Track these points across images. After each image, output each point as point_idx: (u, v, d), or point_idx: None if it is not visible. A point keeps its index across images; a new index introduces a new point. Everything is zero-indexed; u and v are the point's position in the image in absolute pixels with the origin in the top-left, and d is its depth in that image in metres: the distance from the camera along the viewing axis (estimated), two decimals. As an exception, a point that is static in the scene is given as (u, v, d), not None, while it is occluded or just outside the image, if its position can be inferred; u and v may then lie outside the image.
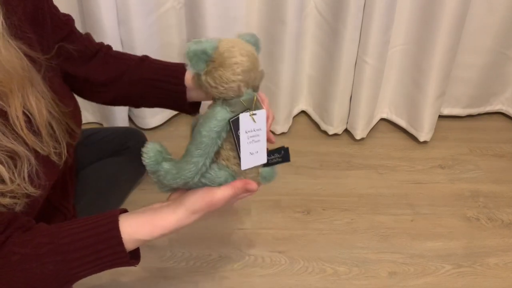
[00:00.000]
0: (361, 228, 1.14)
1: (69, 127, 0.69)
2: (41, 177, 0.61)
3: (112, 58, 0.84)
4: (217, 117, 0.59)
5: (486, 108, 1.55)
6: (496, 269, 1.05)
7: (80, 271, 0.58)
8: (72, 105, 0.73)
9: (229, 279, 1.01)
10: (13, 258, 0.56)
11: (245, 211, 1.18)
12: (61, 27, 0.76)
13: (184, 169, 0.59)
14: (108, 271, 0.65)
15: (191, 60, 0.57)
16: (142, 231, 0.59)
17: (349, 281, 1.02)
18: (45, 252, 0.57)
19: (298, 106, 1.51)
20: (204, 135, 0.58)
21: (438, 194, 1.25)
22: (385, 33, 1.25)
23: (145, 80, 0.82)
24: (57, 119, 0.65)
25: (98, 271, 0.60)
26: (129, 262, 0.60)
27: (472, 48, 1.38)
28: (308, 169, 1.33)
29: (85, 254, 0.57)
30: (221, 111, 0.59)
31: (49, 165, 0.64)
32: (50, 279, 0.57)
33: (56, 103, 0.66)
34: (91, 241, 0.58)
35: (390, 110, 1.49)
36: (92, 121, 1.47)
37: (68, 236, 0.58)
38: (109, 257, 0.59)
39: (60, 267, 0.57)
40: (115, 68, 0.83)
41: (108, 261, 0.59)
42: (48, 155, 0.63)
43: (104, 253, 0.58)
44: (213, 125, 0.58)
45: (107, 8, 1.17)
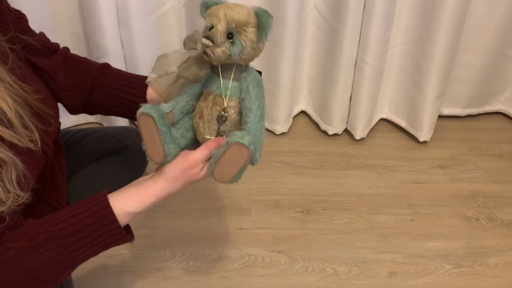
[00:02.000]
0: (361, 228, 1.15)
1: (40, 111, 0.68)
2: (27, 176, 0.61)
3: (73, 60, 0.83)
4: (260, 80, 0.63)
5: (485, 108, 1.55)
6: (496, 269, 1.05)
7: (78, 254, 0.60)
8: (44, 93, 0.71)
9: (229, 279, 1.02)
10: (10, 253, 0.57)
11: (245, 211, 1.18)
12: (18, 22, 0.74)
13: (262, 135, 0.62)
14: (108, 271, 0.65)
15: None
16: (131, 203, 0.62)
17: (349, 281, 1.02)
18: (41, 241, 0.58)
19: (298, 106, 1.52)
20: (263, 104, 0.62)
21: (437, 194, 1.25)
22: (385, 33, 1.25)
23: (105, 87, 0.82)
24: (20, 103, 0.64)
25: (96, 252, 0.62)
26: (125, 238, 0.63)
27: (472, 48, 1.38)
28: (308, 169, 1.33)
29: (82, 236, 0.59)
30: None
31: (29, 156, 0.63)
32: (50, 267, 0.58)
33: (18, 85, 0.64)
34: (86, 223, 0.59)
35: (390, 110, 1.49)
36: (92, 121, 1.47)
37: (61, 222, 0.60)
38: (105, 235, 0.61)
39: (58, 253, 0.58)
40: (76, 73, 0.82)
41: (105, 239, 0.61)
42: (27, 146, 0.63)
43: (100, 232, 0.60)
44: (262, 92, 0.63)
45: (107, 8, 1.17)
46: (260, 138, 0.62)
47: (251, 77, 0.62)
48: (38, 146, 0.65)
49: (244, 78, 0.62)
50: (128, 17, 1.21)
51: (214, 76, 0.63)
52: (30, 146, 0.63)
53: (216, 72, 0.63)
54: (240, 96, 0.62)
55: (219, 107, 0.63)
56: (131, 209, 0.62)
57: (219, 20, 0.58)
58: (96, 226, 0.60)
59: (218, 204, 1.20)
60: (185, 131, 0.66)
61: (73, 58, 0.84)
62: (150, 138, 0.62)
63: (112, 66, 0.85)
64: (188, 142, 0.67)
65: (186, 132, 0.66)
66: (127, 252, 1.06)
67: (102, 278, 0.99)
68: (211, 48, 0.58)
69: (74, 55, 0.85)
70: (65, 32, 1.29)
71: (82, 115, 1.45)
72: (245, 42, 0.59)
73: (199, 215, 1.17)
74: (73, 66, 0.82)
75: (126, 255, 1.05)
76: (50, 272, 0.58)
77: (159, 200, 0.64)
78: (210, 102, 0.63)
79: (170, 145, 0.63)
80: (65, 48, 0.84)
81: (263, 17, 0.58)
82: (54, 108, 0.75)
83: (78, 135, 1.07)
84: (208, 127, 0.64)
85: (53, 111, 0.73)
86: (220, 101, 0.63)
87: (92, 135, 1.09)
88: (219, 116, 0.63)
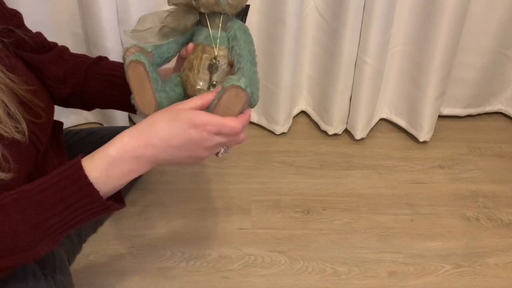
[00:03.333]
0: (360, 228, 1.15)
1: (28, 102, 0.67)
2: (9, 161, 0.59)
3: (69, 55, 0.83)
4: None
5: (485, 108, 1.55)
6: (496, 269, 1.05)
7: (51, 216, 0.53)
8: (35, 86, 0.71)
9: (229, 279, 1.02)
10: None
11: (245, 211, 1.18)
12: (10, 18, 0.74)
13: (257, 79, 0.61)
14: (108, 271, 0.64)
15: None
16: (100, 152, 0.56)
17: (349, 281, 1.02)
18: (8, 202, 0.53)
19: (298, 106, 1.52)
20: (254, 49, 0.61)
21: (437, 194, 1.26)
22: (384, 33, 1.25)
23: (100, 75, 0.80)
24: (7, 93, 0.62)
25: (76, 220, 0.55)
26: (106, 204, 0.55)
27: (472, 48, 1.38)
28: (308, 169, 1.33)
29: (50, 195, 0.53)
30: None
31: (15, 147, 0.62)
32: (21, 232, 0.53)
33: (5, 74, 0.63)
34: (54, 181, 0.54)
35: (390, 110, 1.49)
36: (92, 121, 1.47)
37: (30, 185, 0.54)
38: (81, 201, 0.54)
39: (27, 214, 0.53)
40: (71, 64, 0.81)
41: (78, 199, 0.54)
42: (12, 136, 0.61)
43: (70, 190, 0.53)
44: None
45: (107, 8, 1.17)
46: (256, 81, 0.61)
47: (237, 25, 0.62)
48: (26, 136, 0.64)
49: (231, 27, 0.62)
50: (128, 17, 1.21)
51: (202, 28, 0.63)
52: (17, 136, 0.62)
53: (204, 22, 0.62)
54: (229, 45, 0.61)
55: (209, 56, 0.61)
56: (98, 157, 0.54)
57: None
58: (63, 183, 0.53)
59: (218, 204, 1.20)
60: (174, 86, 0.64)
61: (70, 54, 0.83)
62: (140, 87, 0.60)
63: (109, 59, 0.84)
64: (178, 97, 0.64)
65: (175, 87, 0.64)
66: (127, 252, 1.06)
67: (101, 278, 0.99)
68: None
69: (71, 52, 0.84)
70: (65, 32, 1.29)
71: (82, 115, 1.45)
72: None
73: (199, 215, 1.17)
74: (67, 60, 0.81)
75: (126, 255, 1.05)
76: (23, 238, 0.53)
77: (144, 149, 0.55)
78: (200, 52, 0.62)
79: (161, 94, 0.61)
80: (63, 46, 0.83)
81: None
82: (45, 100, 0.73)
83: (78, 135, 1.07)
84: (199, 78, 0.62)
85: (44, 103, 0.71)
86: (209, 50, 0.61)
87: (92, 136, 1.09)
88: (211, 65, 0.61)
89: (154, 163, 0.58)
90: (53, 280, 0.71)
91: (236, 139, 0.60)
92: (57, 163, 0.81)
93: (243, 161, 1.35)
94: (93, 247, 1.06)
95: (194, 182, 1.27)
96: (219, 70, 0.61)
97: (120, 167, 0.56)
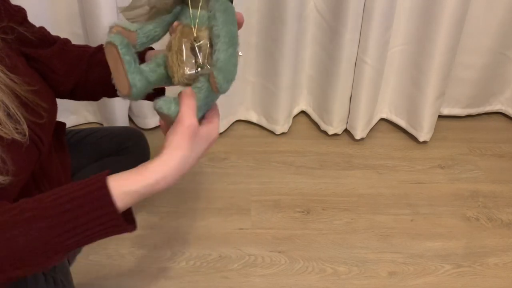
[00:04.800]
0: (360, 228, 1.15)
1: (29, 102, 0.66)
2: (7, 163, 0.59)
3: (71, 46, 0.83)
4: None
5: (485, 108, 1.55)
6: (496, 269, 1.05)
7: (67, 238, 0.53)
8: (38, 85, 0.70)
9: (229, 279, 1.02)
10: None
11: (245, 211, 1.18)
12: (14, 14, 0.74)
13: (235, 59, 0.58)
14: (108, 271, 0.64)
15: None
16: (129, 181, 0.54)
17: (348, 281, 1.02)
18: (27, 218, 0.52)
19: (298, 106, 1.52)
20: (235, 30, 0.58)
21: (437, 194, 1.26)
22: (384, 33, 1.25)
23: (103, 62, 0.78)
24: (8, 94, 0.62)
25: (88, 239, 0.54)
26: (123, 225, 0.54)
27: (471, 48, 1.38)
28: (308, 169, 1.33)
29: (72, 218, 0.52)
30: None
31: (15, 148, 0.62)
32: (36, 248, 0.52)
33: (6, 74, 0.62)
34: (78, 203, 0.52)
35: (390, 110, 1.49)
36: (92, 121, 1.47)
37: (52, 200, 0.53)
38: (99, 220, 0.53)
39: (44, 234, 0.52)
40: (74, 55, 0.81)
41: (98, 224, 0.53)
42: (11, 137, 0.61)
43: (93, 215, 0.52)
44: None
45: (107, 8, 1.17)
46: (229, 66, 0.58)
47: (219, 4, 0.59)
48: (26, 137, 0.63)
49: (212, 6, 0.59)
50: (128, 17, 1.21)
51: (185, 8, 0.61)
52: (17, 137, 0.61)
53: (185, 2, 0.60)
54: (209, 24, 0.59)
55: (191, 38, 0.59)
56: (128, 187, 0.53)
57: None
58: (88, 207, 0.52)
59: (218, 204, 1.20)
60: (156, 66, 0.62)
61: (72, 45, 0.83)
62: (115, 68, 0.59)
63: None
64: (158, 77, 0.62)
65: (157, 67, 0.62)
66: (127, 252, 1.06)
67: (101, 278, 0.99)
68: None
69: (74, 44, 0.84)
70: (65, 32, 1.28)
71: (82, 115, 1.45)
72: None
73: (199, 215, 1.17)
74: (70, 52, 0.81)
75: (126, 255, 1.05)
76: (35, 254, 0.52)
77: (164, 176, 0.55)
78: (178, 32, 0.60)
79: (135, 75, 0.59)
80: (65, 39, 0.83)
81: None
82: (48, 101, 0.73)
83: (78, 135, 1.07)
84: (181, 61, 0.60)
85: (47, 103, 0.71)
86: (188, 31, 0.59)
87: (92, 136, 1.09)
88: (192, 47, 0.59)
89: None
90: (53, 280, 0.71)
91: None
92: (59, 163, 0.81)
93: (243, 161, 1.35)
94: (93, 247, 1.06)
95: (194, 182, 1.27)
96: (201, 51, 0.59)
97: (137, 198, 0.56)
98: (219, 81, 0.56)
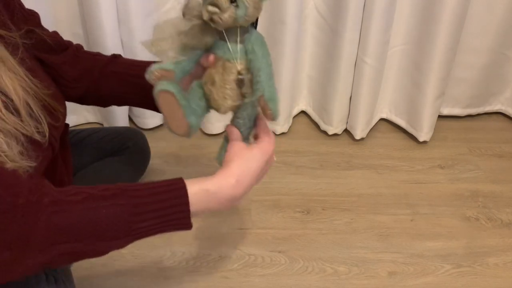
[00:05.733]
0: (360, 228, 1.15)
1: (50, 106, 0.68)
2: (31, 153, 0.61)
3: (84, 53, 0.84)
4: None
5: (485, 108, 1.55)
6: (496, 269, 1.06)
7: (141, 220, 0.57)
8: (53, 89, 0.72)
9: (229, 279, 1.02)
10: (79, 196, 0.55)
11: (245, 211, 1.18)
12: (29, 18, 0.75)
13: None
14: (109, 271, 0.65)
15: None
16: (204, 203, 0.60)
17: (348, 281, 1.02)
18: (113, 194, 0.56)
19: (298, 106, 1.52)
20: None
21: (437, 194, 1.26)
22: (384, 33, 1.25)
23: (115, 74, 0.81)
24: (32, 96, 0.64)
25: (156, 228, 0.59)
26: (190, 223, 0.61)
27: (471, 48, 1.38)
28: (308, 169, 1.33)
29: (152, 202, 0.57)
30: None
31: (34, 146, 0.63)
32: (112, 223, 0.55)
33: (30, 79, 0.65)
34: (159, 191, 0.58)
35: (390, 110, 1.50)
36: (93, 121, 1.47)
37: (135, 185, 0.59)
38: (174, 213, 0.58)
39: (125, 211, 0.56)
40: (87, 63, 0.82)
41: (171, 215, 0.58)
42: (32, 135, 0.62)
43: (170, 207, 0.58)
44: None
45: (107, 8, 1.17)
46: (275, 94, 0.65)
47: (254, 37, 0.63)
48: (46, 138, 0.65)
49: (248, 39, 0.63)
50: (128, 18, 1.22)
51: (219, 41, 0.63)
52: (37, 137, 0.63)
53: (221, 37, 0.63)
54: (247, 57, 0.63)
55: (233, 71, 0.63)
56: (202, 185, 0.60)
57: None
58: (165, 196, 0.58)
59: (218, 204, 1.20)
60: (199, 101, 0.66)
61: (85, 52, 0.84)
62: (171, 114, 0.63)
63: (123, 56, 0.85)
64: (203, 111, 0.67)
65: (200, 101, 0.66)
66: (127, 252, 1.06)
67: (102, 278, 1.00)
68: (218, 14, 0.58)
69: (86, 50, 0.85)
70: (65, 32, 1.28)
71: (82, 115, 1.45)
72: (248, 3, 0.59)
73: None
74: (83, 59, 0.83)
75: (126, 255, 1.05)
76: (110, 230, 0.56)
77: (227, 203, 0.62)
78: (220, 68, 0.63)
79: (191, 117, 0.64)
80: (78, 45, 0.84)
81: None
82: (62, 104, 0.75)
83: (80, 135, 1.08)
84: (226, 94, 0.65)
85: (61, 107, 0.73)
86: (230, 66, 0.63)
87: (94, 136, 1.09)
88: (239, 80, 0.64)
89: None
90: (54, 279, 0.71)
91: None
92: (63, 163, 0.82)
93: (243, 161, 1.35)
94: (93, 247, 1.06)
95: (194, 182, 1.27)
96: (245, 83, 0.64)
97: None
98: (273, 110, 0.65)
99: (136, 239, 0.58)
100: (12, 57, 0.63)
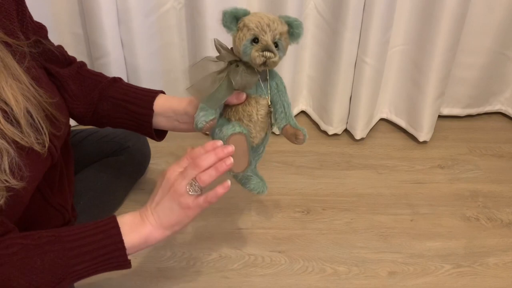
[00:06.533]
0: (360, 228, 1.15)
1: (52, 116, 0.69)
2: (23, 169, 0.61)
3: (86, 72, 0.85)
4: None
5: (485, 108, 1.56)
6: (496, 269, 1.05)
7: (77, 263, 0.59)
8: (57, 98, 0.72)
9: (229, 279, 1.02)
10: (14, 248, 0.57)
11: (245, 211, 1.18)
12: (38, 30, 0.77)
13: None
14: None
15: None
16: (133, 239, 0.65)
17: (348, 281, 1.02)
18: (46, 242, 0.58)
19: (298, 106, 1.52)
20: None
21: (437, 194, 1.26)
22: (384, 33, 1.25)
23: (113, 99, 0.83)
24: (35, 105, 0.64)
25: (95, 269, 0.61)
26: (127, 261, 0.64)
27: (471, 48, 1.38)
28: (308, 169, 1.33)
29: (85, 244, 0.60)
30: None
31: (32, 156, 0.63)
32: (48, 270, 0.57)
33: (35, 88, 0.65)
34: (91, 233, 0.61)
35: (390, 110, 1.50)
36: (92, 121, 1.47)
37: (68, 230, 0.61)
38: (109, 253, 0.61)
39: (59, 256, 0.58)
40: (89, 82, 0.83)
41: (107, 256, 0.61)
42: (31, 146, 0.63)
43: (104, 247, 0.61)
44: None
45: (107, 8, 1.17)
46: (296, 123, 0.76)
47: (278, 77, 0.74)
48: (45, 149, 0.65)
49: (272, 77, 0.73)
50: (128, 17, 1.21)
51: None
52: (36, 147, 0.63)
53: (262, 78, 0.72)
54: (271, 92, 0.72)
55: (266, 106, 0.73)
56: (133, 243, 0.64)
57: (265, 32, 0.66)
58: (99, 237, 0.60)
59: (218, 204, 1.19)
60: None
61: (87, 71, 0.86)
62: (242, 154, 0.71)
63: (123, 80, 0.87)
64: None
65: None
66: (127, 252, 1.06)
67: (101, 278, 0.99)
68: (272, 58, 0.66)
69: (88, 69, 0.87)
70: (65, 32, 1.29)
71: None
72: (285, 48, 0.70)
73: (199, 215, 1.16)
74: (85, 78, 0.84)
75: (126, 255, 1.05)
76: (47, 276, 0.57)
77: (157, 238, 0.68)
78: (254, 103, 0.72)
79: (251, 155, 0.73)
80: (81, 62, 0.86)
81: (297, 25, 0.72)
82: (65, 113, 0.76)
83: (79, 135, 1.08)
84: (259, 126, 0.74)
85: (64, 116, 0.74)
86: (261, 101, 0.72)
87: (93, 136, 1.09)
88: (270, 113, 0.74)
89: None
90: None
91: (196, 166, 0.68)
92: (65, 170, 0.82)
93: (243, 161, 1.35)
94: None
95: (194, 182, 1.27)
96: (272, 115, 0.75)
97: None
98: (304, 132, 0.76)
99: (76, 280, 0.61)
100: (19, 65, 0.64)
